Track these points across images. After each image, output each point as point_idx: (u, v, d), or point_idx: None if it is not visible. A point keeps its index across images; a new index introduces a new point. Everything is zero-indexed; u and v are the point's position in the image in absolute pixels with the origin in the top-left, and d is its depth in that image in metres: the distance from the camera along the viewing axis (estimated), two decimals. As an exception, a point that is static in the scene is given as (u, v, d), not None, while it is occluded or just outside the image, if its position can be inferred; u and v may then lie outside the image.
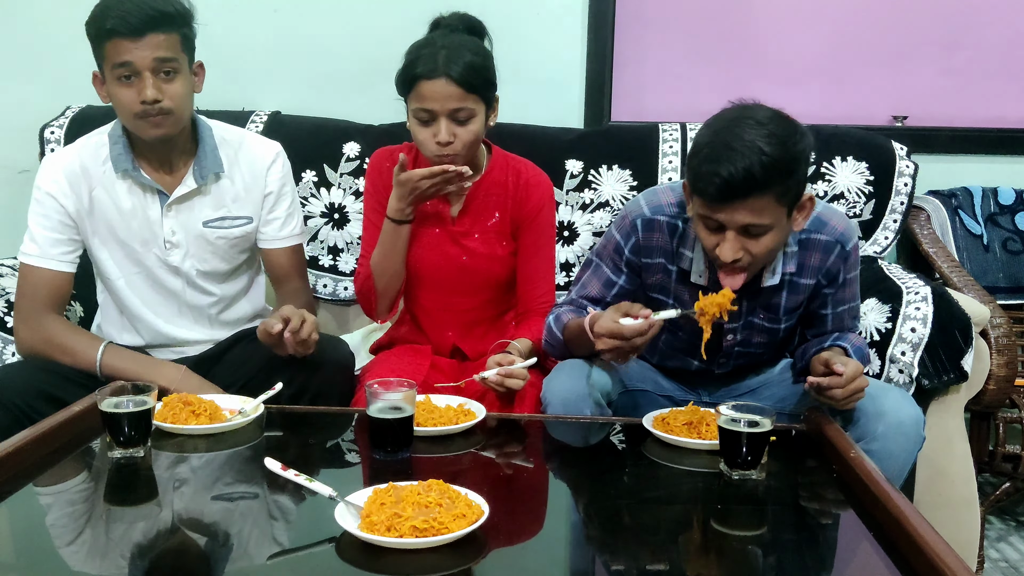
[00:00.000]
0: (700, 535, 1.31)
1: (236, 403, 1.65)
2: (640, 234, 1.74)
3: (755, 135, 1.48)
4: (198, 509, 1.33)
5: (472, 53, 1.81)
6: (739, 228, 1.53)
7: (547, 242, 2.02)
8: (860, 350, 1.76)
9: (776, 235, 1.55)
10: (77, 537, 1.23)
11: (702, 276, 1.71)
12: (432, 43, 1.83)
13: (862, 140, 2.48)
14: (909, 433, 1.62)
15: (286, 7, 2.68)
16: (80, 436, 1.53)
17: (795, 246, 1.69)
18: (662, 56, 2.75)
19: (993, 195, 2.64)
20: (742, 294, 1.69)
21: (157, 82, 1.75)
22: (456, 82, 1.78)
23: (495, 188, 1.98)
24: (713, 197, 1.50)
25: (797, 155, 1.50)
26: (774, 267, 1.68)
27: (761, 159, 1.46)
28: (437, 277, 1.99)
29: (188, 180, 1.87)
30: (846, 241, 1.71)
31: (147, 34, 1.72)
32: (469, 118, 1.82)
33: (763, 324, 1.77)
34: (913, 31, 2.73)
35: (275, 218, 1.97)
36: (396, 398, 1.49)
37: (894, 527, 1.20)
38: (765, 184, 1.48)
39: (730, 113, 1.56)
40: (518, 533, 1.28)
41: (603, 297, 1.81)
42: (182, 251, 1.90)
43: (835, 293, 1.76)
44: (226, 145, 1.93)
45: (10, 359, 1.96)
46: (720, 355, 1.82)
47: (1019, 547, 2.50)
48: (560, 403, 1.70)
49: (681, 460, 1.52)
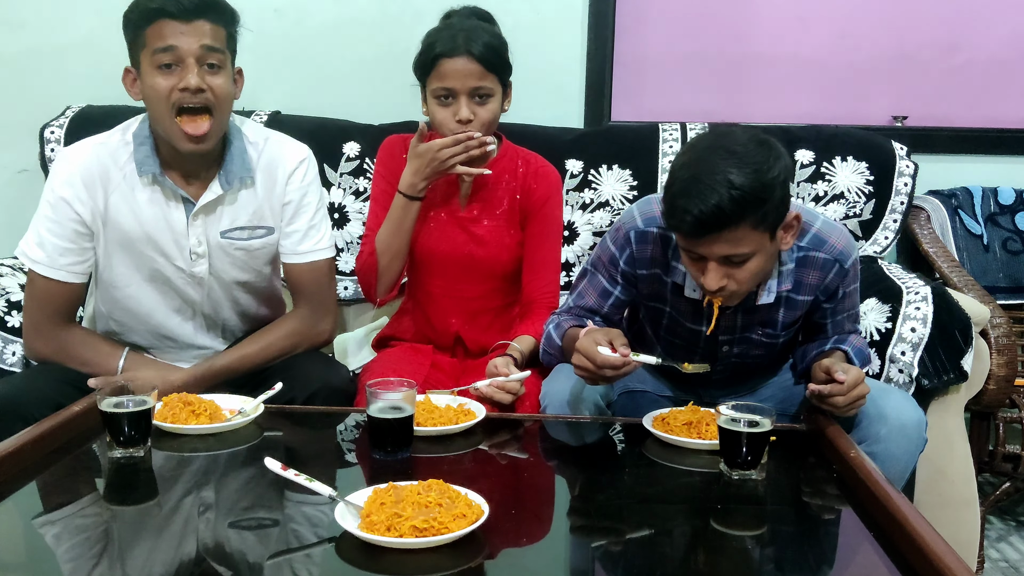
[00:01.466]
0: (700, 535, 1.31)
1: (236, 403, 1.65)
2: (634, 246, 1.72)
3: (726, 166, 1.45)
4: (198, 510, 1.33)
5: (490, 35, 1.88)
6: (719, 259, 1.51)
7: (553, 232, 2.03)
8: (861, 352, 1.76)
9: (760, 259, 1.53)
10: (76, 538, 1.23)
11: (696, 291, 1.67)
12: (451, 26, 1.88)
13: (862, 140, 2.48)
14: (911, 436, 1.62)
15: (286, 7, 2.68)
16: (80, 436, 1.53)
17: (791, 263, 1.67)
18: (662, 56, 2.75)
19: (993, 195, 2.64)
20: (737, 310, 1.69)
21: (202, 72, 1.66)
22: (477, 59, 1.83)
23: (505, 176, 2.00)
24: (687, 233, 1.49)
25: (770, 182, 1.46)
26: (768, 285, 1.66)
27: (731, 193, 1.43)
28: (444, 263, 1.99)
29: (214, 185, 1.77)
30: (845, 259, 1.68)
31: (197, 19, 1.65)
32: (488, 96, 1.87)
33: (760, 339, 1.76)
34: (913, 31, 2.73)
35: (294, 231, 1.85)
36: (396, 398, 1.49)
37: (894, 527, 1.20)
38: (738, 216, 1.45)
39: (704, 141, 1.53)
40: (518, 533, 1.28)
41: (600, 307, 1.79)
42: (207, 261, 1.81)
43: (835, 307, 1.74)
44: (252, 148, 1.82)
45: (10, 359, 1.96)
46: (717, 364, 1.81)
47: (1019, 547, 2.50)
48: (559, 405, 1.70)
49: (681, 460, 1.52)
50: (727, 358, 1.80)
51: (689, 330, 1.76)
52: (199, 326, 1.90)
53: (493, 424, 1.67)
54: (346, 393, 1.82)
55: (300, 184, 1.85)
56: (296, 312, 1.92)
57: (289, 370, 1.81)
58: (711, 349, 1.77)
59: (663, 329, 1.82)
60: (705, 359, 1.73)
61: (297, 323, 1.89)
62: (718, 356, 1.79)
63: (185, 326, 1.88)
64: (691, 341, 1.78)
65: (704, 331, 1.72)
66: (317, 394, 1.75)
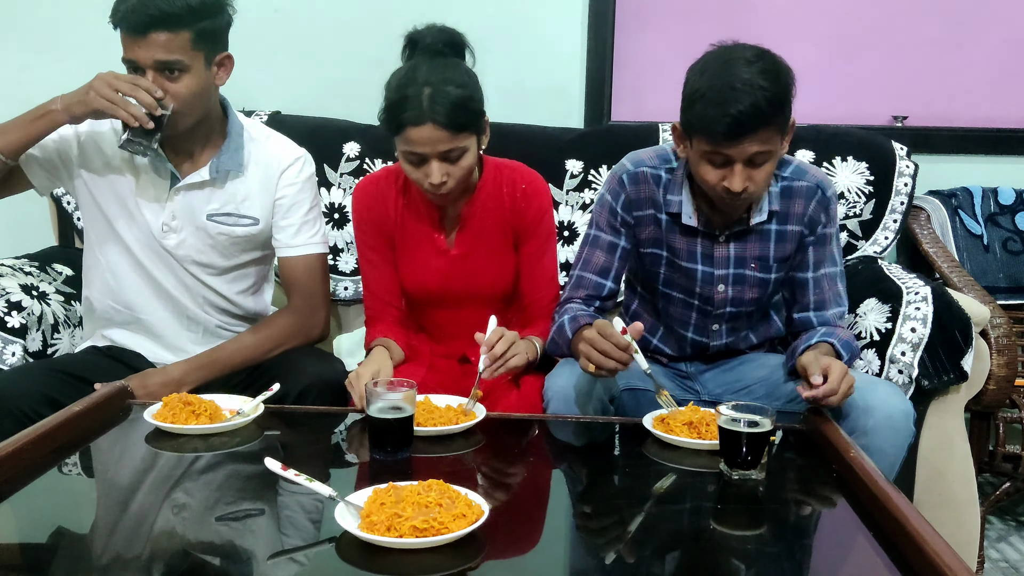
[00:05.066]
0: (700, 535, 1.31)
1: (236, 403, 1.65)
2: (628, 187, 1.83)
3: (751, 73, 1.59)
4: (197, 510, 1.33)
5: (457, 86, 1.71)
6: (745, 160, 1.63)
7: (550, 247, 1.98)
8: (848, 344, 1.78)
9: (774, 161, 1.69)
10: (76, 538, 1.24)
11: (691, 218, 1.81)
12: (414, 80, 1.71)
13: (862, 140, 2.48)
14: (899, 427, 1.62)
15: (286, 7, 2.68)
16: (80, 436, 1.53)
17: (777, 188, 1.81)
18: (662, 56, 2.75)
19: (993, 195, 2.64)
20: (731, 238, 1.82)
21: (160, 79, 1.72)
22: (444, 126, 1.69)
23: (491, 203, 1.92)
24: (725, 135, 1.60)
25: (787, 86, 1.64)
26: (760, 205, 1.79)
27: (764, 94, 1.58)
28: (442, 298, 1.96)
29: (204, 170, 1.85)
30: (826, 187, 1.82)
31: (149, 33, 1.69)
32: (461, 155, 1.75)
33: (754, 275, 1.84)
34: (913, 31, 2.73)
35: (288, 224, 1.92)
36: (396, 398, 1.49)
37: (894, 527, 1.20)
38: (769, 115, 1.60)
39: (717, 58, 1.65)
40: (518, 533, 1.28)
41: (609, 265, 1.87)
42: (179, 236, 1.88)
43: (815, 245, 1.84)
44: (252, 144, 1.90)
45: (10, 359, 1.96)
46: (713, 313, 1.87)
47: (1019, 547, 2.50)
48: (562, 400, 1.70)
49: (681, 460, 1.52)
50: (723, 303, 1.86)
51: (687, 272, 1.85)
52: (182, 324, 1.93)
53: (493, 424, 1.67)
54: (340, 387, 1.81)
55: (294, 181, 1.92)
56: (290, 307, 1.96)
57: (283, 365, 1.83)
58: (708, 294, 1.85)
59: (661, 282, 1.89)
60: (704, 303, 1.86)
61: (291, 317, 1.94)
62: (714, 300, 1.85)
63: (166, 318, 1.92)
64: (689, 289, 1.86)
65: (699, 269, 1.83)
66: (311, 388, 1.77)
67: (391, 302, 1.97)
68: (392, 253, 1.95)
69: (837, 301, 1.86)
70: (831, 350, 1.73)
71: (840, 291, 1.87)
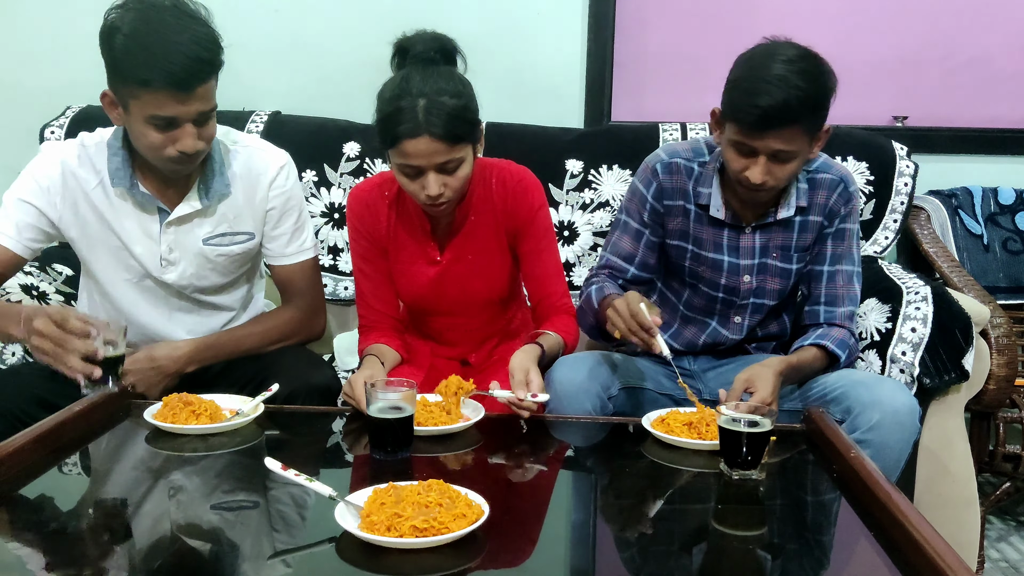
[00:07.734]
0: (700, 535, 1.31)
1: (236, 403, 1.65)
2: (661, 177, 1.88)
3: (788, 71, 1.62)
4: (198, 509, 1.33)
5: (452, 96, 1.66)
6: (770, 154, 1.67)
7: (550, 240, 1.94)
8: (843, 343, 1.82)
9: (799, 161, 1.71)
10: (76, 538, 1.23)
11: (720, 211, 1.86)
12: (408, 92, 1.66)
13: (862, 140, 2.49)
14: (904, 422, 1.63)
15: (286, 7, 2.68)
16: (80, 436, 1.53)
17: (804, 183, 1.85)
18: (662, 56, 2.75)
19: (993, 195, 2.64)
20: (756, 229, 1.86)
21: (197, 131, 1.65)
22: (441, 138, 1.65)
23: (482, 206, 1.88)
24: (751, 125, 1.64)
25: (827, 91, 1.67)
26: (788, 201, 1.84)
27: (797, 93, 1.61)
28: (438, 307, 1.94)
29: (192, 199, 1.80)
30: (849, 181, 1.88)
31: (196, 88, 1.59)
32: (458, 167, 1.71)
33: (777, 265, 1.88)
34: (914, 31, 2.73)
35: (280, 234, 1.90)
36: (396, 398, 1.49)
37: (894, 527, 1.20)
38: (798, 115, 1.62)
39: (762, 50, 1.69)
40: (518, 533, 1.28)
41: (634, 252, 1.92)
42: (179, 268, 1.84)
43: (834, 238, 1.87)
44: (232, 158, 1.84)
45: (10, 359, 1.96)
46: (738, 303, 1.91)
47: (1019, 547, 2.50)
48: (563, 395, 1.71)
49: (681, 460, 1.52)
50: (747, 294, 1.90)
51: (712, 263, 1.89)
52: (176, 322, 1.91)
53: (493, 424, 1.67)
54: (329, 391, 1.82)
55: (283, 189, 1.88)
56: (292, 305, 1.96)
57: (272, 367, 1.82)
58: (734, 284, 1.89)
59: (687, 273, 1.92)
60: (729, 294, 1.90)
61: (296, 312, 1.96)
62: (739, 291, 1.90)
63: (163, 321, 1.90)
64: (714, 281, 1.90)
65: (725, 260, 1.88)
66: (298, 392, 1.76)
67: (385, 311, 1.95)
68: (385, 263, 1.93)
69: (850, 300, 1.88)
70: (820, 355, 1.79)
71: (855, 291, 1.89)
